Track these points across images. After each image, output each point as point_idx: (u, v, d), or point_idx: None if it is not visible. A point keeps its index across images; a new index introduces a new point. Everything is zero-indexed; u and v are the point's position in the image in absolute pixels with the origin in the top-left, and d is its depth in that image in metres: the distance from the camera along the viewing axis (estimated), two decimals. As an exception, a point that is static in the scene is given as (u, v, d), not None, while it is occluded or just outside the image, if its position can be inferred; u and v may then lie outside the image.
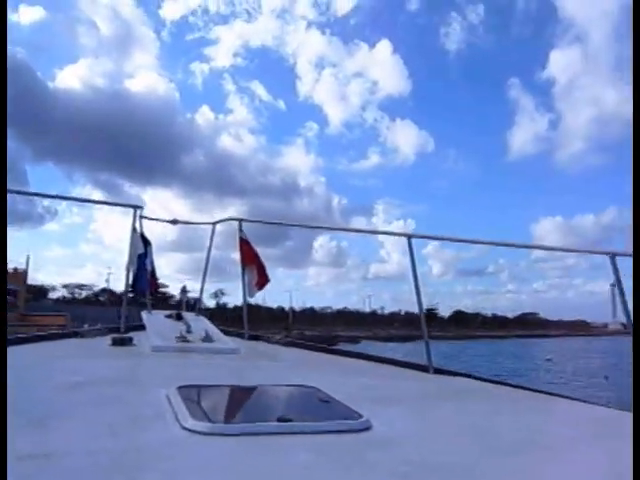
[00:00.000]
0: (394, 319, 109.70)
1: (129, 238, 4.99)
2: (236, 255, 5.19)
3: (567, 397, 3.47)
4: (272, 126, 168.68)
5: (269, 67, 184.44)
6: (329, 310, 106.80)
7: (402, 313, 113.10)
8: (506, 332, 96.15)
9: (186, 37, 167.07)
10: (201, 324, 4.97)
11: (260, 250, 5.23)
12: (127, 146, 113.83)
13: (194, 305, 5.95)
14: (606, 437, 2.27)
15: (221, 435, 1.81)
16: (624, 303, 3.37)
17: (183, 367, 3.49)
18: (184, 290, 5.44)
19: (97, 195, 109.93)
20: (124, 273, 5.02)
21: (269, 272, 5.19)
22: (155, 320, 5.05)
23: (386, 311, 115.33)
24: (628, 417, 2.89)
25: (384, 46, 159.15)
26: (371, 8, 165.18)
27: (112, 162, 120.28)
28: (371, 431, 1.98)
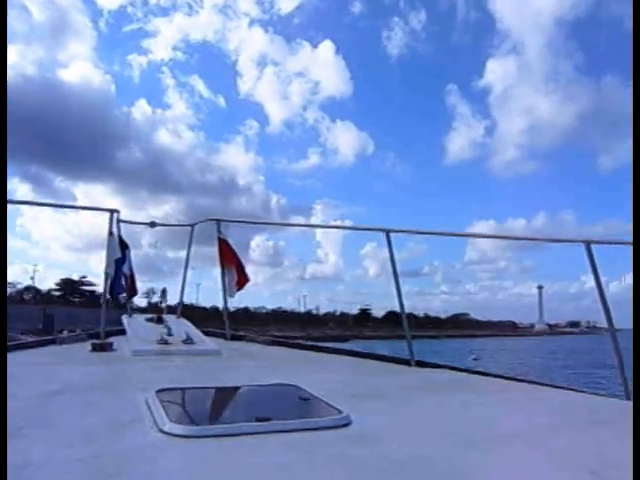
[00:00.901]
0: (329, 319, 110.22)
1: (106, 242, 4.93)
2: (176, 254, 5.10)
3: (549, 385, 3.51)
4: (211, 123, 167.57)
5: (210, 63, 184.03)
6: (263, 310, 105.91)
7: (337, 313, 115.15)
8: (438, 332, 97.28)
9: (124, 28, 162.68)
10: (182, 326, 4.93)
11: (195, 248, 5.26)
12: (59, 138, 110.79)
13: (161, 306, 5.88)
14: (588, 424, 2.30)
15: (199, 437, 1.80)
16: (600, 291, 3.40)
17: (164, 370, 3.46)
18: (164, 292, 5.39)
19: (24, 189, 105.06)
20: (102, 277, 4.96)
21: (209, 271, 5.11)
22: (135, 324, 5.00)
23: (321, 311, 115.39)
24: (613, 403, 2.95)
25: (327, 47, 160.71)
26: (315, 8, 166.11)
27: (42, 155, 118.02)
28: (351, 427, 1.99)
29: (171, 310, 5.55)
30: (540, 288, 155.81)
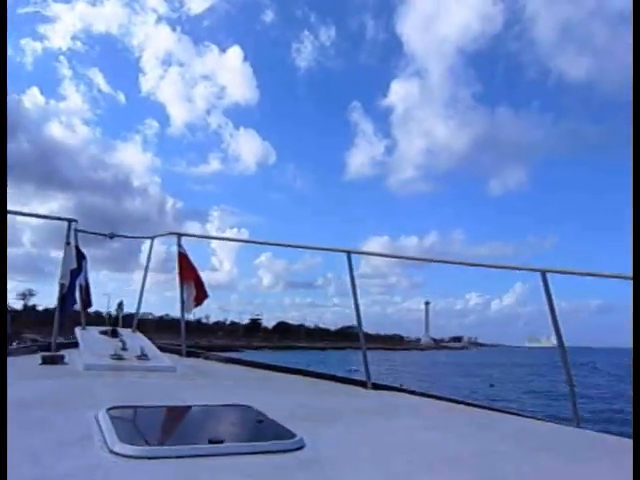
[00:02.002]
0: (219, 328, 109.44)
1: (63, 252, 4.83)
2: (58, 255, 5.02)
3: (502, 411, 3.55)
4: (109, 119, 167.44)
5: (111, 57, 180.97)
6: (150, 316, 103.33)
7: (227, 322, 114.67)
8: (327, 344, 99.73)
9: (18, 10, 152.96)
10: (137, 341, 4.84)
11: (84, 250, 5.13)
12: None
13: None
14: (537, 451, 2.33)
15: (149, 458, 1.76)
16: (554, 319, 3.47)
17: (116, 387, 3.39)
18: (120, 305, 5.30)
19: None
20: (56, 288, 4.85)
21: (94, 275, 4.98)
22: (89, 337, 4.89)
23: (211, 320, 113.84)
24: (562, 430, 2.99)
25: (235, 52, 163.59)
26: (226, 12, 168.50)
27: None
28: (303, 450, 1.98)
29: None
30: (427, 304, 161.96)
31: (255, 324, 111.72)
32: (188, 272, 5.09)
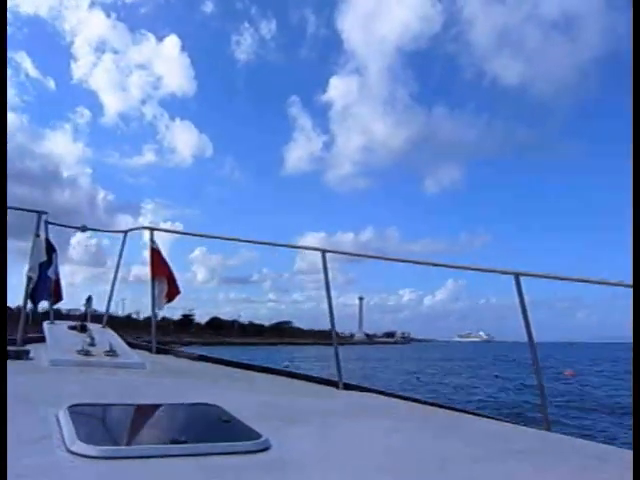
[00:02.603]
0: (149, 324, 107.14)
1: (31, 244, 4.73)
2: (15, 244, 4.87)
3: (473, 413, 3.56)
4: (37, 106, 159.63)
5: (41, 41, 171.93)
6: (77, 312, 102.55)
7: (158, 318, 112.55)
8: (261, 339, 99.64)
9: None
10: (107, 336, 4.76)
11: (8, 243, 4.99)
12: None
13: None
14: (506, 454, 2.32)
15: (109, 458, 1.70)
16: (526, 320, 3.48)
17: (81, 383, 3.31)
18: (89, 300, 5.19)
19: None
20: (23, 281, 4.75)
21: (24, 268, 4.81)
22: (57, 331, 4.79)
23: (142, 316, 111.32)
24: (531, 433, 3.00)
25: (172, 42, 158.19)
26: (164, 1, 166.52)
27: None
28: (269, 452, 1.93)
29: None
30: (361, 299, 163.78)
31: (187, 320, 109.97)
32: (160, 268, 5.02)
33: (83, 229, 5.45)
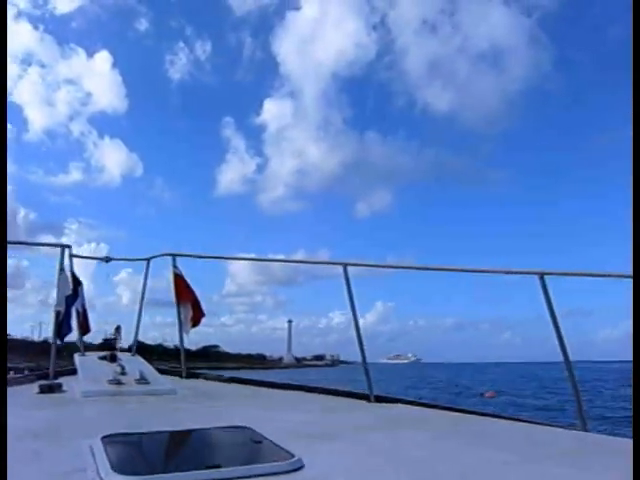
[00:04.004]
0: (68, 349, 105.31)
1: (56, 279, 4.79)
2: None
3: (509, 418, 3.50)
4: None
5: None
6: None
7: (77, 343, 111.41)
8: (186, 364, 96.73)
9: None
10: (136, 364, 4.79)
11: None
12: None
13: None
14: (545, 458, 2.28)
15: None
16: (554, 320, 3.42)
17: (114, 413, 3.33)
18: (118, 329, 5.24)
19: None
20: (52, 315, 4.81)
21: None
22: (87, 362, 4.84)
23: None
24: (568, 435, 2.95)
25: (103, 58, 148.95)
26: (96, 15, 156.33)
27: None
28: (303, 471, 1.93)
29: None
30: (290, 322, 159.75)
31: (107, 344, 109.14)
32: (185, 293, 5.05)
33: (107, 260, 5.50)
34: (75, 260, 5.09)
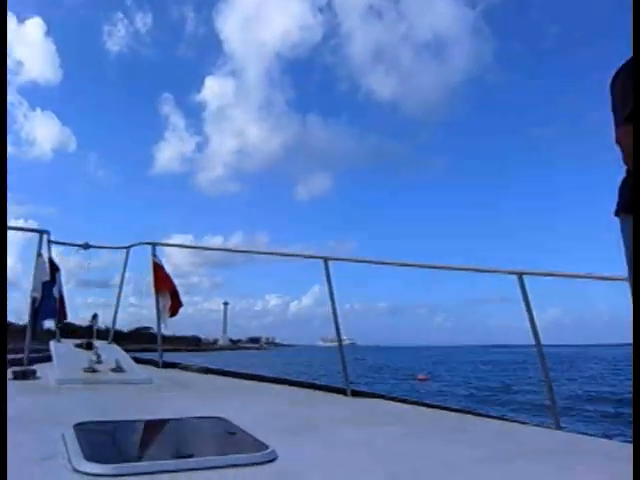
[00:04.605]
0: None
1: (33, 264, 4.73)
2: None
3: (484, 415, 3.54)
4: None
5: None
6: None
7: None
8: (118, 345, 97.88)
9: None
10: (113, 353, 4.76)
11: None
12: None
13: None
14: (518, 455, 2.31)
15: (115, 476, 1.69)
16: (531, 319, 3.46)
17: (88, 401, 3.30)
18: (95, 317, 5.19)
19: None
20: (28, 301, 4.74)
21: None
22: (63, 350, 4.79)
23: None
24: (541, 433, 2.98)
25: (36, 25, 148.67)
26: None
27: None
28: (276, 463, 1.92)
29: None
30: (226, 304, 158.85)
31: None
32: (163, 282, 5.02)
33: (85, 247, 5.44)
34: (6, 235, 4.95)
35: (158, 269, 5.02)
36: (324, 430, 2.69)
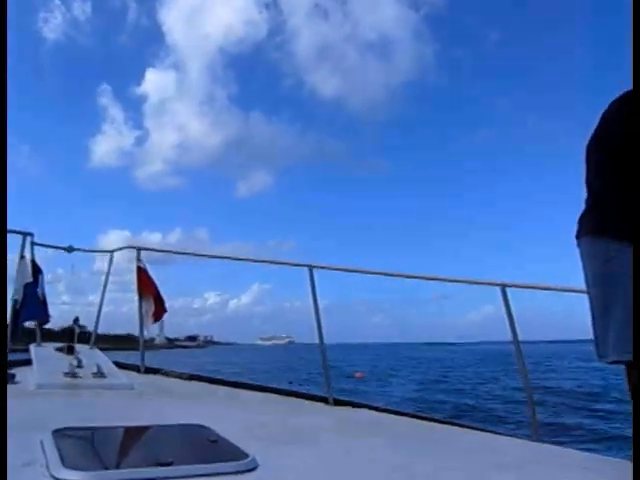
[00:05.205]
0: None
1: (16, 266, 4.69)
2: None
3: (464, 425, 3.55)
4: None
5: None
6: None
7: None
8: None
9: None
10: (94, 358, 4.71)
11: None
12: None
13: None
14: (493, 467, 2.32)
15: None
16: (513, 332, 3.50)
17: (68, 407, 3.27)
18: (76, 321, 5.14)
19: None
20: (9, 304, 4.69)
21: None
22: (43, 354, 4.74)
23: None
24: (519, 445, 3.00)
25: None
26: None
27: None
28: (256, 472, 1.92)
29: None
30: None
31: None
32: (147, 287, 4.99)
33: (69, 250, 5.40)
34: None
35: (142, 273, 4.99)
36: (306, 439, 2.68)
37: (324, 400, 4.01)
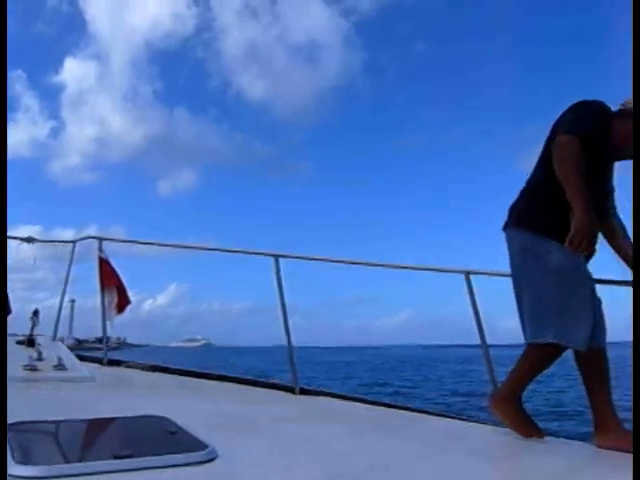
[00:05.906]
0: None
1: None
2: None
3: (430, 412, 3.59)
4: None
5: None
6: None
7: None
8: None
9: None
10: (56, 350, 4.62)
11: None
12: None
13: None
14: (458, 451, 2.34)
15: (48, 478, 1.63)
16: (478, 320, 3.52)
17: (25, 400, 3.19)
18: (36, 313, 5.04)
19: None
20: None
21: None
22: None
23: None
24: (485, 430, 3.03)
25: None
26: None
27: None
28: (216, 462, 1.89)
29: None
30: (73, 302, 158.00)
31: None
32: (109, 278, 4.90)
33: (29, 240, 5.28)
34: None
35: (104, 264, 4.90)
36: (267, 429, 2.67)
37: (291, 390, 4.00)
